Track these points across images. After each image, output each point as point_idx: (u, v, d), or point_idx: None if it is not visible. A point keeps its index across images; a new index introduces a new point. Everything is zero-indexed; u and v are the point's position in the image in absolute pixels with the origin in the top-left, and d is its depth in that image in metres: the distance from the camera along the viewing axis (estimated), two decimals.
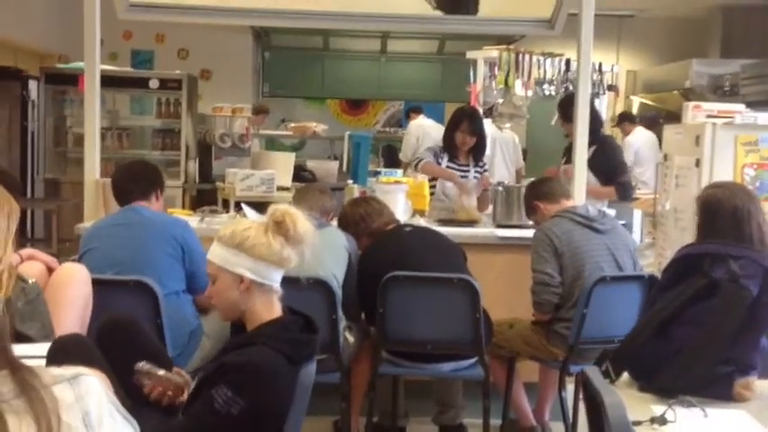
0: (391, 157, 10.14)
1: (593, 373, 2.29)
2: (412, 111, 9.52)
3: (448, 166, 5.44)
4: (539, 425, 4.27)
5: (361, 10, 5.07)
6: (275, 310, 2.35)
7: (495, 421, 4.12)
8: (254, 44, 11.45)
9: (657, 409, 2.18)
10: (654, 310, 2.43)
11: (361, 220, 3.95)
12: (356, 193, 4.80)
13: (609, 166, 5.55)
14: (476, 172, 5.47)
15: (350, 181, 5.12)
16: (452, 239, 3.99)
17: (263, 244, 2.31)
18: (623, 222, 7.28)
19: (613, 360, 2.37)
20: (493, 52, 7.05)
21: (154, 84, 8.30)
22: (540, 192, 4.15)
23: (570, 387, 3.97)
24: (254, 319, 2.33)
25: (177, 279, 3.47)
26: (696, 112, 5.56)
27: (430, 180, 5.56)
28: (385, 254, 3.76)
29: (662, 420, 2.11)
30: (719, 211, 2.71)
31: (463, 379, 4.02)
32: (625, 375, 2.41)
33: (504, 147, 7.76)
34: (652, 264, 5.99)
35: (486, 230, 4.72)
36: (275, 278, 2.36)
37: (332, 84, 11.62)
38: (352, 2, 5.17)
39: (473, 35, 8.45)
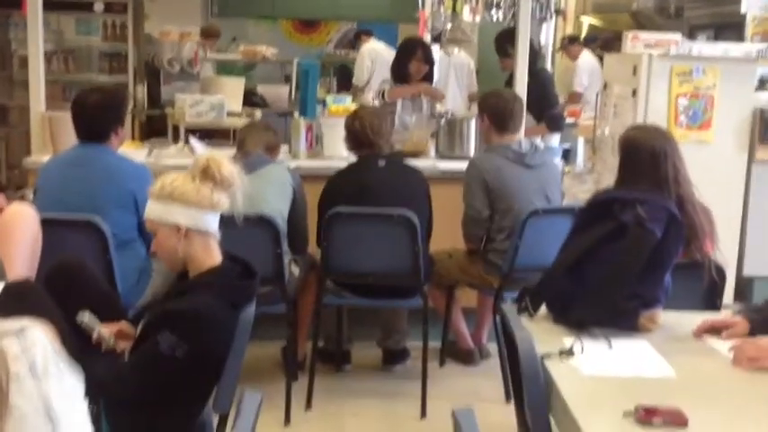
0: (345, 79, 10.13)
1: (509, 309, 2.49)
2: (362, 33, 9.48)
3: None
4: (476, 347, 4.53)
5: None
6: (215, 256, 2.48)
7: (436, 344, 4.37)
8: None
9: (568, 341, 2.38)
10: (568, 250, 2.62)
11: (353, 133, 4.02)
12: (302, 127, 4.88)
13: (541, 100, 5.69)
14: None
15: (296, 113, 5.17)
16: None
17: (192, 191, 2.42)
18: (567, 147, 7.53)
19: (532, 296, 2.56)
20: None
21: (99, 7, 8.19)
22: (496, 115, 4.14)
23: None
24: (196, 266, 2.46)
25: (129, 228, 3.51)
26: (635, 43, 5.69)
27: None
28: (346, 186, 3.91)
29: (569, 352, 2.31)
30: (638, 151, 2.88)
31: (403, 308, 4.23)
32: (543, 310, 2.61)
33: (458, 70, 7.81)
34: (590, 189, 6.20)
35: (428, 162, 4.86)
36: (211, 223, 2.47)
37: (283, 3, 11.49)
38: None
39: None
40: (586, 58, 8.80)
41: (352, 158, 4.18)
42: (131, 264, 3.47)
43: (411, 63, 5.53)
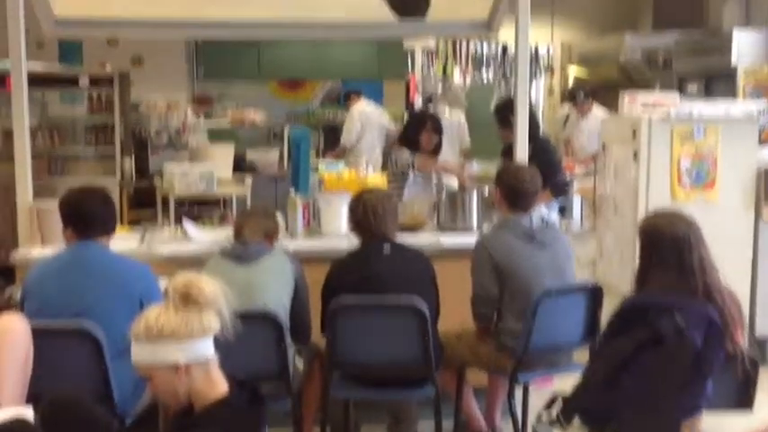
0: (333, 138, 10.05)
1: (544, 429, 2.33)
2: (352, 93, 9.42)
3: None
4: (489, 428, 4.35)
5: (297, 15, 4.98)
6: (219, 384, 2.32)
7: (448, 423, 4.18)
8: None
9: None
10: (603, 360, 2.47)
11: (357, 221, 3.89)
12: (299, 206, 4.74)
13: (544, 169, 5.58)
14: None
15: (291, 189, 5.04)
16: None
17: (181, 323, 2.27)
18: (563, 206, 7.41)
19: (564, 408, 2.40)
20: (430, 42, 7.02)
21: (84, 82, 8.08)
22: (511, 193, 4.01)
23: (519, 393, 4.04)
24: (201, 399, 2.30)
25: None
26: (632, 104, 5.62)
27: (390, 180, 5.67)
28: (350, 275, 3.74)
29: None
30: (661, 240, 2.75)
31: (414, 399, 4.06)
32: (577, 421, 2.45)
33: (450, 130, 7.73)
34: (593, 251, 6.08)
35: (430, 237, 4.72)
36: (207, 349, 2.33)
37: (268, 64, 11.43)
38: (291, 6, 5.06)
39: (405, 48, 8.30)
40: (596, 114, 8.52)
41: (353, 237, 4.04)
42: (130, 373, 3.27)
43: (422, 135, 5.75)
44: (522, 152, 4.89)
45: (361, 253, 3.84)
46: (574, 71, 11.32)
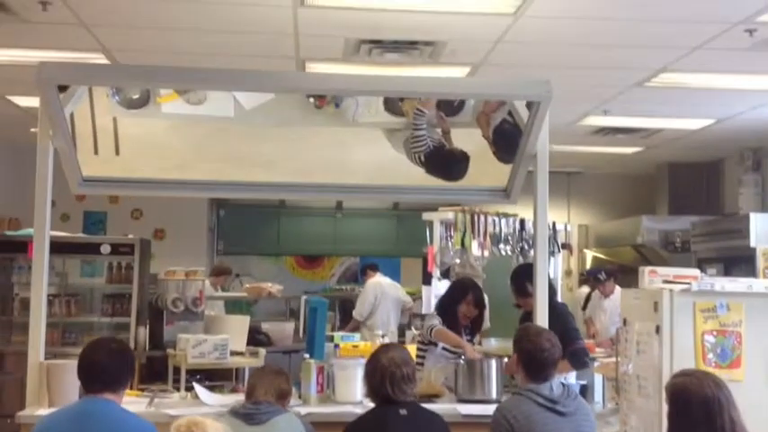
0: (348, 314, 10.02)
1: None
2: (368, 268, 9.49)
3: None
4: None
5: (319, 180, 5.09)
6: None
7: None
8: (209, 202, 11.46)
9: None
10: None
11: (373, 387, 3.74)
12: (313, 371, 4.63)
13: (562, 335, 5.47)
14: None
15: (306, 355, 4.95)
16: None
17: None
18: (584, 383, 7.21)
19: None
20: (449, 213, 7.10)
21: (105, 249, 8.16)
22: (529, 362, 3.83)
23: None
24: None
25: None
26: (653, 277, 5.57)
27: (419, 353, 5.42)
28: None
29: None
30: (690, 401, 2.63)
31: None
32: None
33: None
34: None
35: (448, 406, 4.56)
36: None
37: (287, 240, 11.61)
38: (311, 168, 5.18)
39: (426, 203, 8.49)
40: (618, 293, 8.44)
41: (368, 403, 3.90)
42: None
43: (461, 305, 5.40)
44: (542, 320, 4.80)
45: (375, 415, 3.69)
46: (591, 253, 11.39)
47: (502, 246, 7.43)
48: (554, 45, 5.58)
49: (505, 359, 4.88)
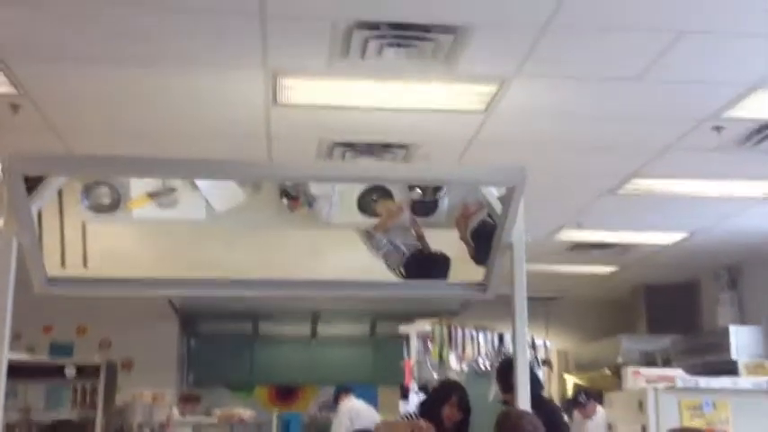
0: None
1: None
2: (341, 392, 9.19)
3: None
4: None
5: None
6: None
7: None
8: (179, 331, 11.20)
9: None
10: None
11: None
12: None
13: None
14: None
15: None
16: None
17: None
18: None
19: None
20: (426, 326, 6.97)
21: (70, 372, 7.88)
22: None
23: None
24: None
25: None
26: (636, 377, 5.44)
27: None
28: None
29: None
30: None
31: None
32: None
33: None
34: None
35: None
36: None
37: (261, 369, 11.30)
38: (285, 275, 5.07)
39: (402, 314, 8.39)
40: (601, 413, 8.26)
41: None
42: None
43: (444, 407, 5.13)
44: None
45: None
46: (573, 379, 11.16)
47: (481, 359, 7.28)
48: (527, 144, 5.63)
49: None
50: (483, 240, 4.95)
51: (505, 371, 5.33)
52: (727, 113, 5.10)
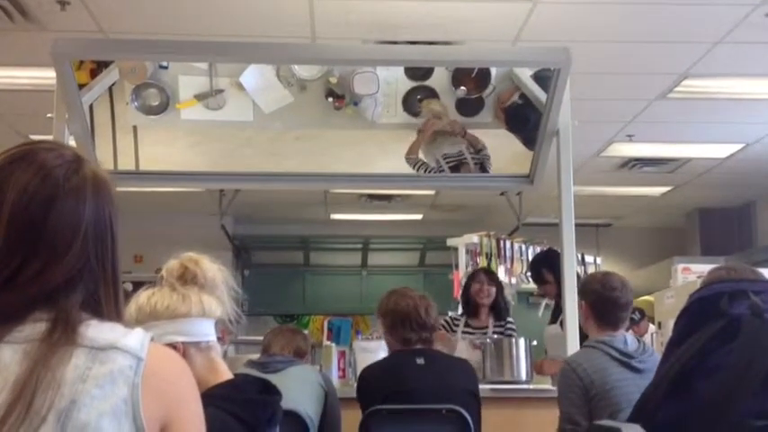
0: None
1: None
2: None
3: (463, 331, 5.20)
4: None
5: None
6: (221, 371, 2.02)
7: None
8: (233, 262, 11.39)
9: None
10: (667, 365, 2.08)
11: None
12: (334, 354, 4.45)
13: None
14: (496, 329, 5.20)
15: (326, 342, 4.79)
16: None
17: (178, 300, 2.02)
18: None
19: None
20: (473, 238, 6.95)
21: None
22: (598, 304, 3.40)
23: None
24: (202, 386, 1.98)
25: None
26: (686, 275, 5.39)
27: None
28: (378, 388, 3.41)
29: None
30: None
31: None
32: None
33: None
34: None
35: None
36: (207, 332, 2.06)
37: (313, 300, 11.46)
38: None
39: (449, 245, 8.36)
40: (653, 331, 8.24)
41: None
42: None
43: (472, 285, 5.32)
44: (572, 308, 4.54)
45: (390, 363, 3.50)
46: None
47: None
48: (574, 41, 5.53)
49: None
50: (517, 116, 4.95)
51: (539, 263, 5.37)
52: None
